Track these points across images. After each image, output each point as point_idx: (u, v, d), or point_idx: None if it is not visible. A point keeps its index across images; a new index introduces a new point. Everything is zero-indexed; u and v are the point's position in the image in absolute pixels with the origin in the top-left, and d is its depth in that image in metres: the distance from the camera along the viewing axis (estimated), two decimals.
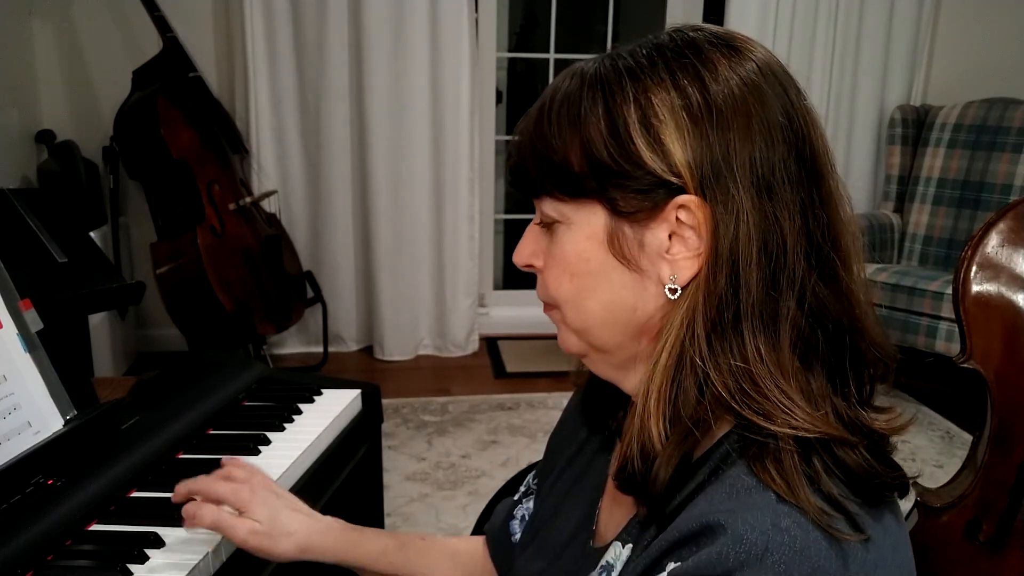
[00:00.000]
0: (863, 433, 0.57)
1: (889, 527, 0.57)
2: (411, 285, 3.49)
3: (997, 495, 1.29)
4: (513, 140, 0.66)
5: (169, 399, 1.16)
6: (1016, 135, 3.21)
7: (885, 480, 0.57)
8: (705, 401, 0.57)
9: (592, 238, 0.62)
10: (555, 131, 0.61)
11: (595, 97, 0.60)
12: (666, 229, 0.59)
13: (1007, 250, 1.30)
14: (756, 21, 3.51)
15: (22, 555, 0.79)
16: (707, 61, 0.59)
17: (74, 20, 3.15)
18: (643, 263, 0.61)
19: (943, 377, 3.07)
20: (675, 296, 0.60)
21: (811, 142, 0.60)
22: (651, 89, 0.59)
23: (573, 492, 0.78)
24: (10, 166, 2.87)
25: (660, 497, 0.58)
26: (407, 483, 2.47)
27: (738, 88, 0.58)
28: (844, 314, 0.59)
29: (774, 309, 0.57)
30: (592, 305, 0.63)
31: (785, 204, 0.58)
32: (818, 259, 0.58)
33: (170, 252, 2.83)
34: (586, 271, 0.63)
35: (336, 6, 3.19)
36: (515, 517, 0.86)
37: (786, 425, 0.54)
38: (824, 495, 0.53)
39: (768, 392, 0.56)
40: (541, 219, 0.66)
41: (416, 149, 3.36)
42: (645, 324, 0.62)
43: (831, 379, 0.59)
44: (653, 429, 0.58)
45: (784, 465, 0.54)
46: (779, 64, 0.62)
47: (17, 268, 0.99)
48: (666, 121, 0.58)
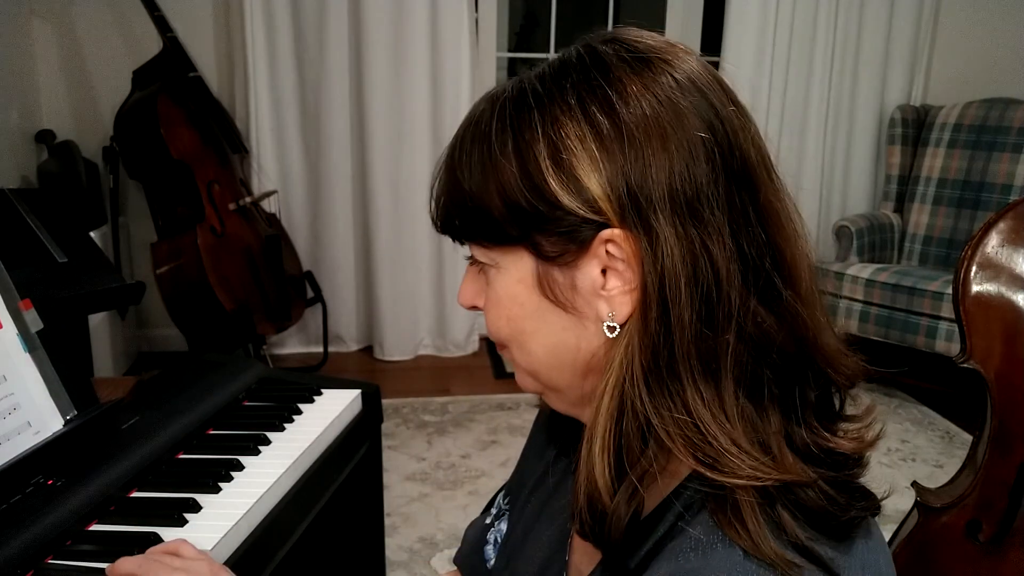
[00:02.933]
0: (825, 463, 0.54)
1: (866, 560, 0.54)
2: (411, 285, 3.49)
3: (997, 495, 1.29)
4: (432, 185, 0.62)
5: (169, 399, 1.16)
6: (1016, 135, 3.21)
7: (849, 516, 0.53)
8: (649, 450, 0.54)
9: (522, 282, 0.59)
10: (467, 174, 0.58)
11: (504, 132, 0.56)
12: (597, 265, 0.56)
13: (1007, 250, 1.30)
14: (756, 21, 3.51)
15: (22, 555, 0.79)
16: (616, 81, 0.55)
17: (74, 20, 3.15)
18: (579, 304, 0.57)
19: (943, 377, 3.07)
20: (615, 335, 0.56)
21: (741, 151, 0.55)
22: (559, 119, 0.55)
23: (543, 517, 0.75)
24: (10, 166, 2.87)
25: (618, 550, 0.55)
26: (407, 483, 2.47)
27: (651, 108, 0.54)
28: (791, 339, 0.55)
29: (712, 346, 0.53)
30: (535, 347, 0.60)
31: (714, 228, 0.53)
32: (756, 283, 0.54)
33: (170, 252, 2.83)
34: (521, 315, 0.60)
35: (336, 7, 3.19)
36: (488, 541, 0.83)
37: (734, 475, 0.51)
38: (792, 544, 0.50)
39: (713, 440, 0.52)
40: (472, 260, 0.63)
41: (416, 149, 3.36)
42: (591, 362, 0.59)
43: (785, 409, 0.55)
44: (599, 480, 0.54)
45: (745, 517, 0.51)
46: (703, 72, 0.57)
47: (17, 268, 0.99)
48: (577, 153, 0.54)
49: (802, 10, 3.52)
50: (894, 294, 3.08)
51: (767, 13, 3.51)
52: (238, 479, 1.00)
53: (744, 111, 0.58)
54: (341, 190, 3.40)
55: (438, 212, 0.62)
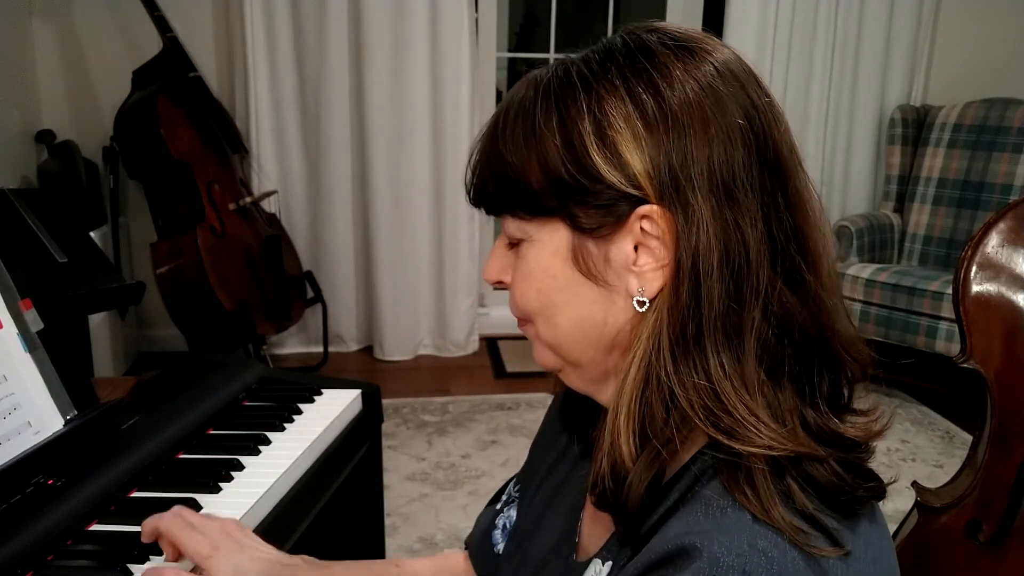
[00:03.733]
0: (835, 444, 0.56)
1: (870, 538, 0.56)
2: (411, 285, 3.49)
3: (997, 495, 1.29)
4: (469, 157, 0.64)
5: (169, 399, 1.16)
6: (1016, 135, 3.21)
7: (857, 494, 0.55)
8: (671, 419, 0.56)
9: (557, 255, 0.60)
10: (511, 148, 0.60)
11: (549, 110, 0.58)
12: (631, 241, 0.58)
13: (1007, 250, 1.30)
14: (756, 21, 3.51)
15: (22, 555, 0.79)
16: (661, 66, 0.57)
17: (74, 20, 3.15)
18: (610, 277, 0.59)
19: (943, 377, 3.07)
20: (644, 309, 0.58)
21: (774, 141, 0.58)
22: (605, 98, 0.57)
23: (554, 503, 0.76)
24: (10, 166, 2.87)
25: (634, 516, 0.57)
26: (407, 483, 2.47)
27: (693, 93, 0.56)
28: (812, 321, 0.57)
29: (738, 321, 0.55)
30: (561, 321, 0.62)
31: (747, 210, 0.56)
32: (783, 265, 0.57)
33: (170, 252, 2.83)
34: (553, 287, 0.61)
35: (336, 6, 3.19)
36: (497, 527, 0.85)
37: (751, 444, 0.53)
38: (800, 512, 0.52)
39: (732, 409, 0.54)
40: (505, 236, 0.64)
41: (416, 149, 3.36)
42: (616, 338, 0.61)
43: (800, 390, 0.57)
44: (623, 447, 0.57)
45: (757, 484, 0.53)
46: (739, 63, 0.60)
47: (17, 268, 0.99)
48: (622, 131, 0.56)
49: (802, 10, 3.52)
50: (894, 294, 3.08)
51: (767, 13, 3.51)
52: (238, 479, 1.00)
53: (776, 105, 0.60)
54: (341, 190, 3.40)
55: (474, 183, 0.64)
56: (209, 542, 0.76)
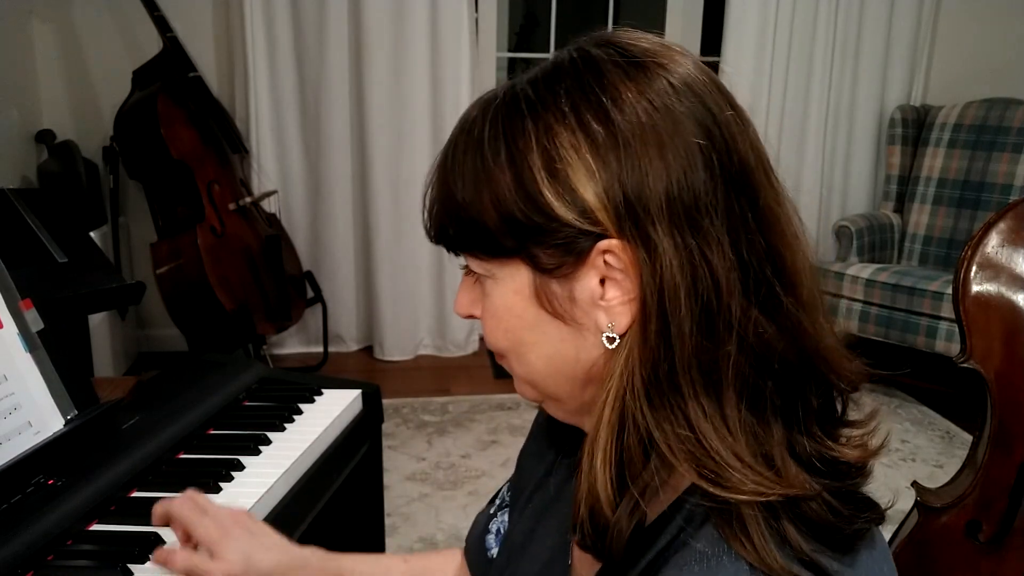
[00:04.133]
0: (829, 472, 0.54)
1: (871, 569, 0.54)
2: (411, 285, 3.49)
3: (997, 495, 1.29)
4: (424, 193, 0.61)
5: (169, 399, 1.16)
6: (1016, 135, 3.21)
7: (853, 529, 0.53)
8: (651, 464, 0.53)
9: (519, 293, 0.58)
10: (461, 186, 0.57)
11: (497, 142, 0.55)
12: (596, 275, 0.55)
13: (1007, 250, 1.30)
14: (756, 22, 3.51)
15: (22, 555, 0.79)
16: (611, 87, 0.54)
17: (74, 20, 3.15)
18: (577, 315, 0.56)
19: (943, 377, 3.07)
20: (614, 345, 0.55)
21: (739, 156, 0.54)
22: (553, 128, 0.54)
23: (545, 519, 0.75)
24: (10, 166, 2.87)
25: (621, 563, 0.55)
26: (407, 483, 2.47)
27: (646, 115, 0.53)
28: (793, 349, 0.54)
29: (712, 358, 0.52)
30: (533, 359, 0.60)
31: (713, 237, 0.52)
32: (757, 292, 0.53)
33: (170, 252, 2.83)
34: (520, 326, 0.59)
35: (336, 6, 3.19)
36: (491, 531, 0.84)
37: (737, 491, 0.50)
38: (797, 557, 0.50)
39: (715, 454, 0.51)
40: (467, 271, 0.62)
41: (416, 149, 3.36)
42: (590, 372, 0.58)
43: (787, 419, 0.54)
44: (601, 493, 0.54)
45: (751, 531, 0.50)
46: (698, 74, 0.56)
47: (17, 268, 0.99)
48: (572, 163, 0.53)
49: (802, 10, 3.52)
50: (894, 294, 3.08)
51: (767, 14, 3.51)
52: (239, 479, 1.00)
53: (742, 114, 0.57)
54: (341, 190, 3.40)
55: (431, 222, 0.61)
56: (219, 527, 0.76)
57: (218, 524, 0.77)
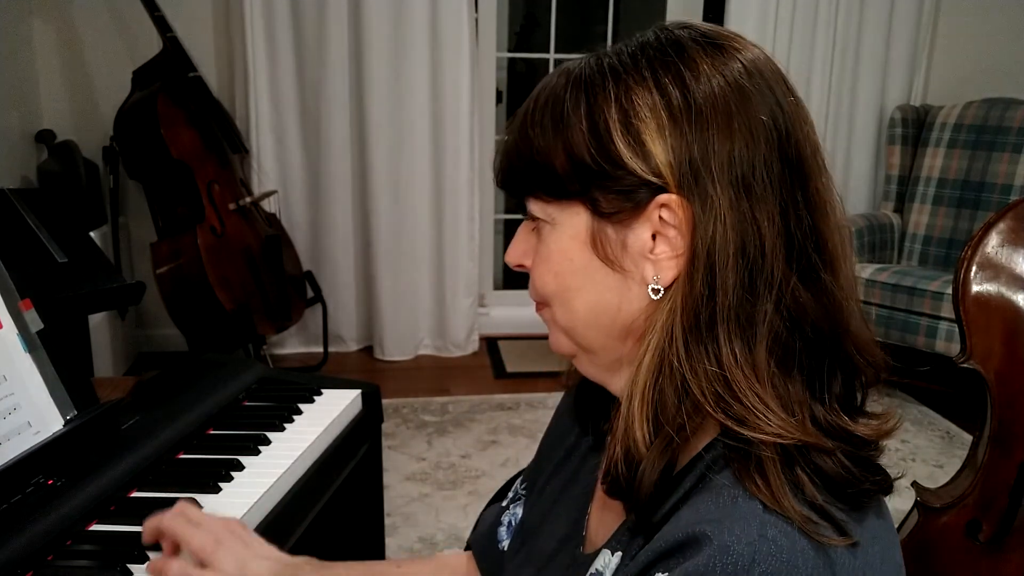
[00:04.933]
0: (842, 438, 0.56)
1: (877, 532, 0.57)
2: (411, 285, 3.49)
3: (997, 495, 1.29)
4: (501, 140, 0.66)
5: (169, 399, 1.16)
6: (1016, 135, 3.21)
7: (864, 487, 0.56)
8: (683, 407, 0.57)
9: (575, 238, 0.62)
10: (539, 132, 0.61)
11: (578, 98, 0.60)
12: (649, 229, 0.59)
13: (1007, 250, 1.30)
14: (756, 21, 3.51)
15: (22, 555, 0.79)
16: (689, 60, 0.59)
17: (74, 20, 3.15)
18: (626, 264, 0.60)
19: (943, 377, 3.07)
20: (658, 297, 0.59)
21: (797, 141, 0.59)
22: (632, 89, 0.58)
23: (562, 498, 0.77)
24: (10, 166, 2.87)
25: (646, 504, 0.58)
26: (407, 483, 2.47)
27: (719, 88, 0.57)
28: (825, 319, 0.58)
29: (751, 312, 0.56)
30: (577, 305, 0.63)
31: (765, 204, 0.57)
32: (799, 262, 0.57)
33: (170, 252, 2.83)
34: (570, 270, 0.62)
35: (336, 6, 3.19)
36: (502, 523, 0.85)
37: (760, 431, 0.54)
38: (809, 503, 0.53)
39: (742, 397, 0.55)
40: (529, 218, 0.66)
41: (416, 149, 3.36)
42: (630, 325, 0.61)
43: (811, 384, 0.58)
44: (637, 433, 0.57)
45: (768, 474, 0.53)
46: (768, 63, 0.61)
47: (17, 268, 0.99)
48: (646, 121, 0.57)
49: (802, 10, 3.52)
50: (894, 294, 3.08)
51: (767, 13, 3.51)
52: (238, 479, 1.00)
53: (802, 105, 0.61)
54: (341, 190, 3.40)
55: (501, 166, 0.65)
56: (212, 538, 0.77)
57: (211, 534, 0.77)
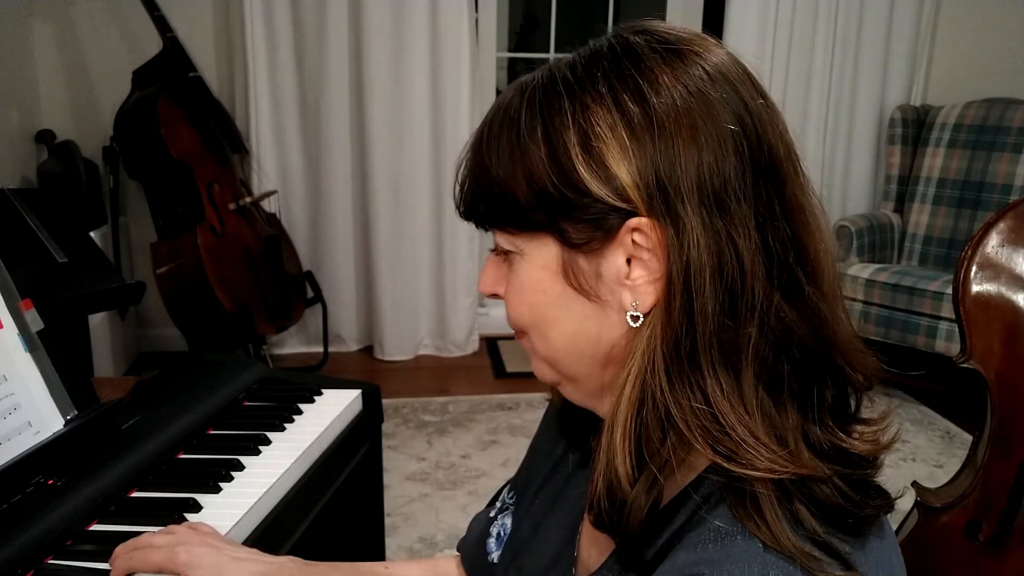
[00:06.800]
0: (840, 461, 0.55)
1: (880, 556, 0.55)
2: (411, 285, 3.49)
3: (997, 495, 1.29)
4: (457, 170, 0.62)
5: (169, 399, 1.16)
6: (1016, 135, 3.21)
7: (863, 513, 0.54)
8: (668, 440, 0.54)
9: (546, 269, 0.59)
10: (495, 161, 0.58)
11: (533, 120, 0.57)
12: (623, 254, 0.56)
13: (1007, 250, 1.30)
14: (756, 21, 3.51)
15: (22, 555, 0.79)
16: (647, 71, 0.55)
17: (74, 20, 3.15)
18: (603, 292, 0.57)
19: (943, 377, 3.07)
20: (638, 324, 0.56)
21: (768, 146, 0.56)
22: (590, 107, 0.55)
23: (552, 513, 0.75)
24: (10, 166, 2.87)
25: (635, 540, 0.56)
26: (407, 483, 2.47)
27: (681, 99, 0.54)
28: (812, 335, 0.55)
29: (734, 338, 0.53)
30: (555, 336, 0.60)
31: (740, 220, 0.53)
32: (780, 277, 0.54)
33: (170, 252, 2.83)
34: (544, 302, 0.60)
35: (336, 6, 3.19)
36: (491, 535, 0.83)
37: (752, 467, 0.51)
38: (810, 538, 0.51)
39: (731, 431, 0.52)
40: (496, 249, 0.63)
41: (416, 149, 3.36)
42: (611, 352, 0.59)
43: (803, 406, 0.55)
44: (620, 469, 0.55)
45: (764, 510, 0.51)
46: (733, 64, 0.58)
47: (17, 268, 0.99)
48: (607, 141, 0.54)
49: (802, 10, 3.52)
50: (894, 294, 3.08)
51: (767, 13, 3.51)
52: (238, 479, 1.00)
53: (773, 106, 0.58)
54: (341, 190, 3.40)
55: (463, 197, 0.62)
56: (183, 549, 0.75)
57: (180, 548, 0.75)
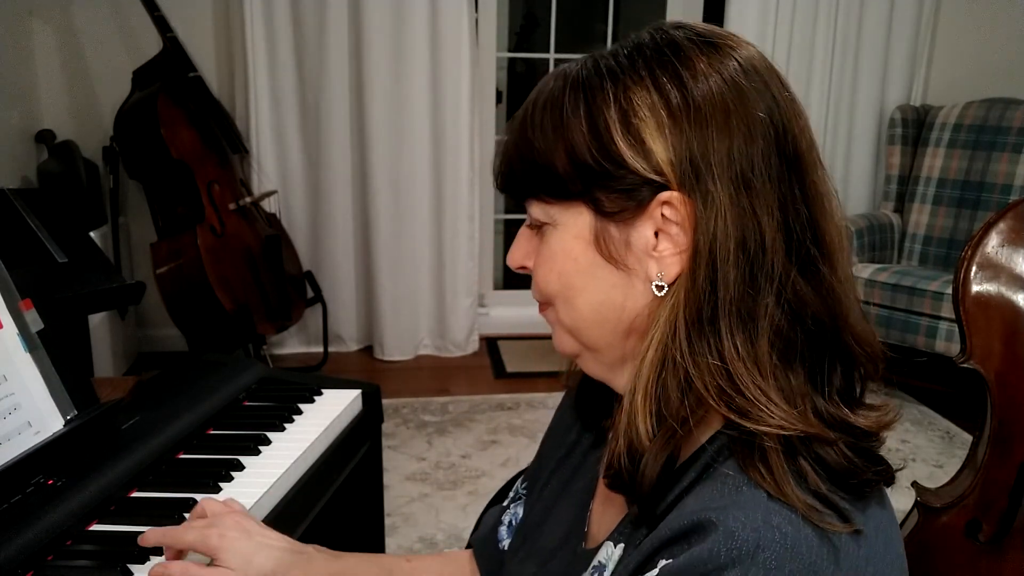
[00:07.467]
0: (844, 430, 0.57)
1: (880, 522, 0.57)
2: (411, 285, 3.49)
3: (997, 495, 1.29)
4: (500, 141, 0.67)
5: (169, 399, 1.16)
6: (1016, 135, 3.21)
7: (866, 476, 0.57)
8: (687, 400, 0.58)
9: (579, 238, 0.62)
10: (539, 134, 0.62)
11: (577, 99, 0.61)
12: (652, 226, 0.60)
13: (1007, 250, 1.30)
14: (756, 21, 3.51)
15: (22, 555, 0.79)
16: (686, 59, 0.60)
17: (74, 20, 3.15)
18: (630, 262, 0.61)
19: (943, 377, 3.07)
20: (662, 293, 0.60)
21: (794, 137, 0.60)
22: (631, 88, 0.59)
23: (564, 495, 0.78)
24: (10, 166, 2.87)
25: (649, 495, 0.58)
26: (407, 483, 2.47)
27: (717, 86, 0.58)
28: (825, 311, 0.59)
29: (752, 306, 0.57)
30: (581, 304, 0.64)
31: (764, 199, 0.57)
32: (798, 255, 0.58)
33: (170, 252, 2.83)
34: (574, 270, 0.63)
35: (336, 6, 3.19)
36: (503, 523, 0.86)
37: (763, 423, 0.55)
38: (812, 492, 0.54)
39: (745, 390, 0.56)
40: (530, 221, 0.66)
41: (416, 149, 3.36)
42: (634, 322, 0.62)
43: (812, 377, 0.59)
44: (640, 426, 0.58)
45: (771, 463, 0.54)
46: (763, 60, 0.62)
47: (17, 268, 0.99)
48: (646, 119, 0.58)
49: (802, 11, 3.52)
50: (894, 294, 3.08)
51: (767, 14, 3.51)
52: (238, 479, 1.00)
53: (797, 101, 0.62)
54: (341, 190, 3.40)
55: (501, 169, 0.66)
56: (215, 532, 0.76)
57: (213, 531, 0.76)
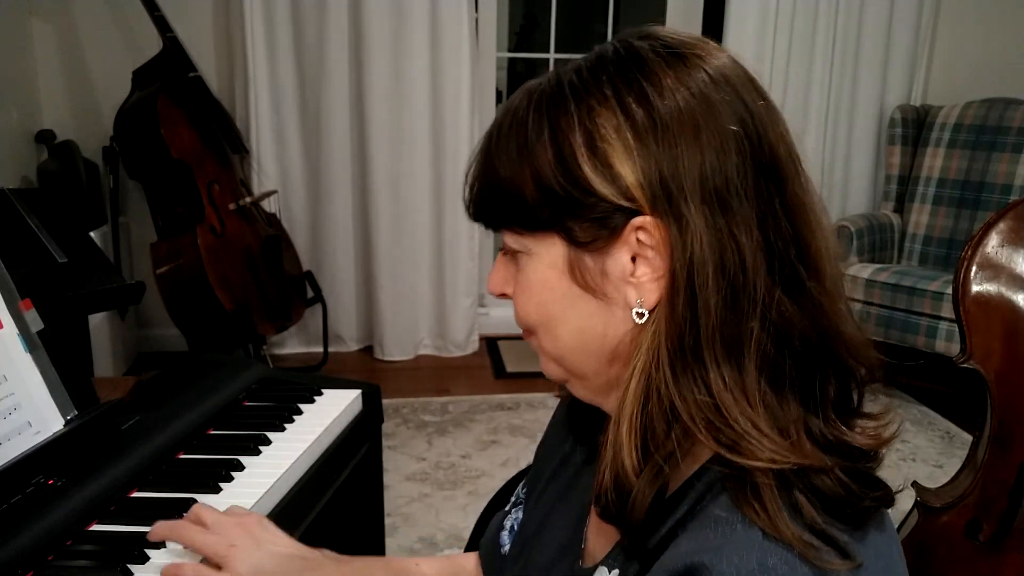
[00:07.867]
0: (842, 453, 0.55)
1: (879, 548, 0.55)
2: (411, 285, 3.49)
3: (997, 495, 1.29)
4: (467, 172, 0.64)
5: (169, 399, 1.16)
6: (1016, 135, 3.21)
7: (864, 505, 0.54)
8: (673, 433, 0.56)
9: (554, 268, 0.60)
10: (504, 162, 0.60)
11: (540, 122, 0.58)
12: (628, 252, 0.57)
13: (1007, 250, 1.30)
14: (756, 22, 3.51)
15: (22, 555, 0.79)
16: (651, 75, 0.57)
17: (74, 20, 3.15)
18: (608, 290, 0.59)
19: (943, 377, 3.07)
20: (643, 320, 0.58)
21: (770, 145, 0.57)
22: (595, 110, 0.57)
23: (559, 507, 0.77)
24: (10, 166, 2.87)
25: (639, 530, 0.57)
26: (407, 483, 2.47)
27: (684, 101, 0.56)
28: (813, 328, 0.56)
29: (736, 332, 0.55)
30: (562, 333, 0.62)
31: (742, 218, 0.55)
32: (781, 272, 0.56)
33: (170, 252, 2.83)
34: (551, 300, 0.61)
35: (336, 6, 3.19)
36: (505, 528, 0.85)
37: (754, 457, 0.53)
38: (809, 527, 0.52)
39: (734, 423, 0.54)
40: (506, 248, 0.64)
41: (416, 149, 3.36)
42: (617, 349, 0.60)
43: (804, 399, 0.56)
44: (626, 460, 0.56)
45: (764, 499, 0.52)
46: (734, 67, 0.60)
47: (17, 268, 0.99)
48: (612, 143, 0.56)
49: (802, 10, 3.52)
50: (894, 294, 3.08)
51: (767, 13, 3.51)
52: (238, 479, 1.00)
53: (774, 107, 0.60)
54: (341, 190, 3.40)
55: (472, 198, 0.64)
56: (225, 540, 0.76)
57: (224, 537, 0.76)
